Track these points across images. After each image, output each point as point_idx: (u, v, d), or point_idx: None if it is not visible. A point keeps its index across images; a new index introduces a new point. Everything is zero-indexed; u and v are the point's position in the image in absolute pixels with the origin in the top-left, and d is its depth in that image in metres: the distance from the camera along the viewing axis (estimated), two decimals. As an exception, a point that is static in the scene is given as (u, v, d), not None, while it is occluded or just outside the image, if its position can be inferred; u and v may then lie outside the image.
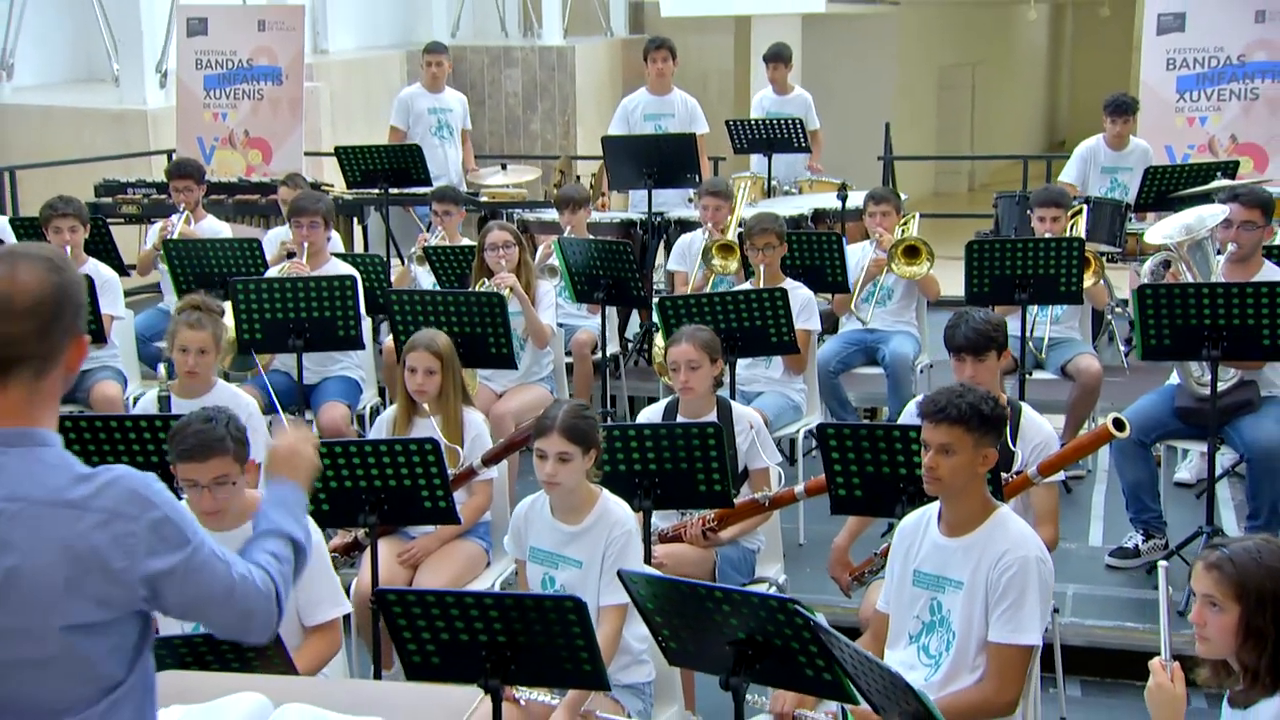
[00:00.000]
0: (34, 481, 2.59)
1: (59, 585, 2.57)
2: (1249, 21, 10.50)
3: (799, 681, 3.86)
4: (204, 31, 11.94)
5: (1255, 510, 6.38)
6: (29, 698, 2.61)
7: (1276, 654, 3.29)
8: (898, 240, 7.66)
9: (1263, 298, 5.95)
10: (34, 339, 2.60)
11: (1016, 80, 25.08)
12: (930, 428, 4.17)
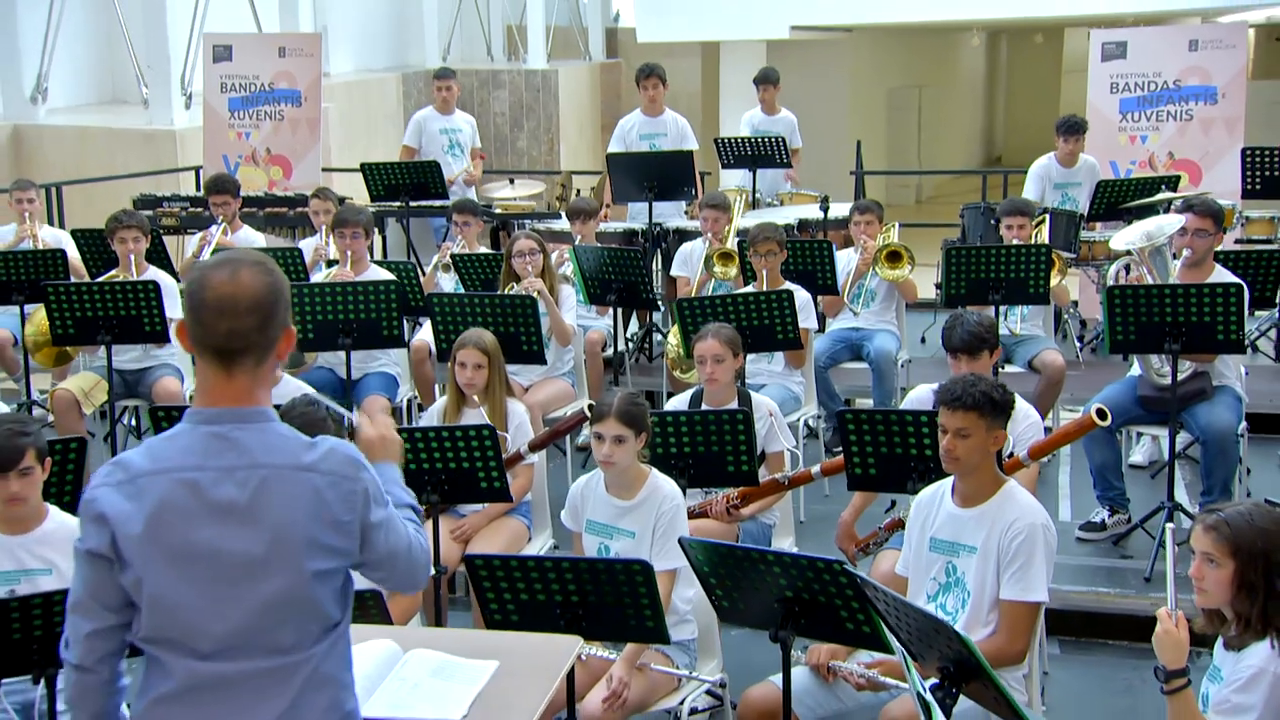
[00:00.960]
0: (271, 451, 2.80)
1: (307, 536, 2.78)
2: (1184, 49, 10.56)
3: (839, 634, 4.05)
4: (229, 58, 11.99)
5: (1209, 487, 6.51)
6: (273, 636, 2.80)
7: (1266, 603, 3.48)
8: (881, 246, 7.86)
9: (1217, 297, 6.16)
10: (255, 332, 2.79)
11: (958, 101, 25.18)
12: (947, 414, 4.34)
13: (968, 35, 23.83)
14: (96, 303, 7.13)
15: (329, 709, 2.85)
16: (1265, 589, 3.49)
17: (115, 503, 2.77)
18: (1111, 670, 5.94)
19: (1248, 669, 3.49)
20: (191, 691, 2.79)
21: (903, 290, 8.00)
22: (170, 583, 2.78)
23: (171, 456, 2.81)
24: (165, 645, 2.80)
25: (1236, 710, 3.47)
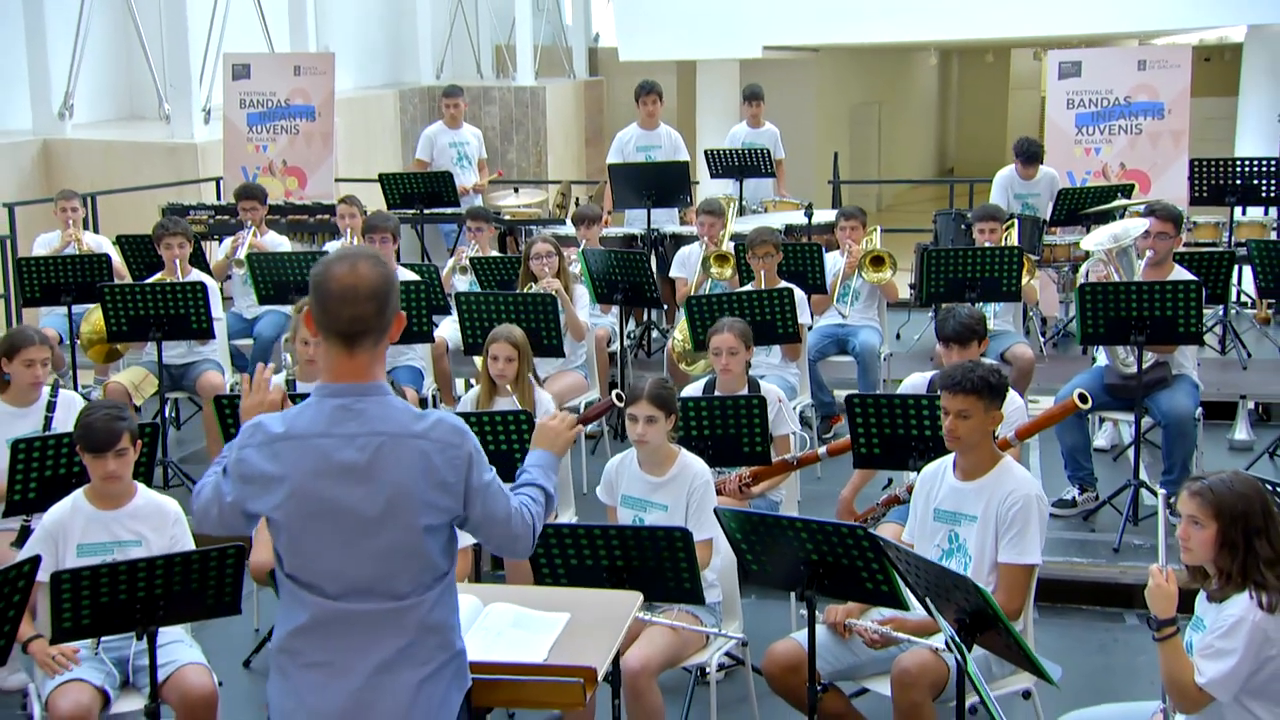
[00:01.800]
0: (388, 420, 3.01)
1: (419, 495, 3.00)
2: (1133, 69, 10.77)
3: (860, 593, 4.23)
4: (247, 76, 12.12)
5: (1169, 467, 6.73)
6: (391, 583, 3.02)
7: (1245, 559, 3.68)
8: (867, 251, 8.06)
9: (1178, 294, 6.41)
10: (374, 317, 3.01)
11: (914, 116, 25.46)
12: (949, 397, 4.54)
13: (924, 55, 24.14)
14: (148, 302, 7.28)
15: (440, 647, 3.06)
16: (1244, 547, 3.68)
17: (260, 463, 3.00)
18: (1085, 632, 6.16)
19: (1230, 618, 3.67)
20: (321, 625, 3.02)
21: (885, 291, 8.20)
22: (303, 533, 3.01)
23: (303, 425, 3.02)
24: (300, 584, 3.04)
25: (1220, 654, 3.66)
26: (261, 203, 9.06)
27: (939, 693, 4.30)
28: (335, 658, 3.02)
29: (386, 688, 3.00)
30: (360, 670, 3.01)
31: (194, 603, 4.22)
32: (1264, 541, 3.69)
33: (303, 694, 3.04)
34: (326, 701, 3.02)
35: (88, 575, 3.99)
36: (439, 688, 3.05)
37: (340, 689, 3.01)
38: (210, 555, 4.17)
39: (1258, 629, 3.63)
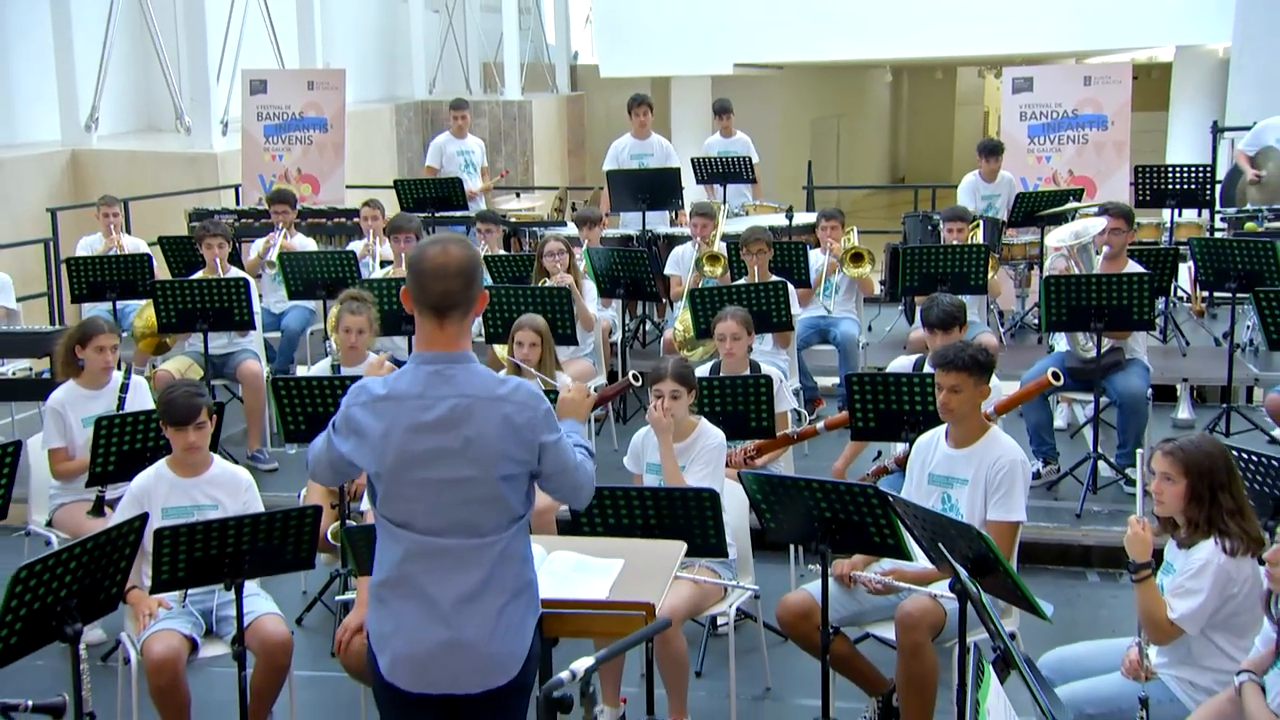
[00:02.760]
0: (475, 384, 3.22)
1: (497, 448, 3.21)
2: (1079, 84, 11.06)
3: (869, 546, 4.44)
4: (264, 91, 12.27)
5: (1123, 441, 7.00)
6: (474, 523, 3.23)
7: (1210, 510, 3.93)
8: (847, 249, 8.31)
9: (1132, 284, 6.68)
10: (461, 292, 3.22)
11: (869, 128, 25.83)
12: (943, 374, 4.75)
13: (879, 73, 24.50)
14: (196, 297, 7.45)
15: (516, 577, 3.29)
16: (1210, 499, 3.93)
17: (365, 419, 3.23)
18: (1053, 589, 6.39)
19: (1197, 561, 3.92)
20: (414, 558, 3.24)
21: (862, 285, 8.44)
22: (398, 481, 3.23)
23: (401, 387, 3.24)
24: (396, 524, 3.26)
25: (1189, 593, 3.91)
26: (292, 207, 9.23)
27: (938, 634, 4.53)
28: (427, 588, 3.23)
29: (471, 613, 3.22)
30: (448, 598, 3.22)
31: (275, 558, 4.41)
32: (1227, 494, 3.94)
33: (400, 620, 3.25)
34: (420, 626, 3.23)
35: (185, 532, 4.18)
36: (516, 613, 3.27)
37: (432, 615, 3.22)
38: (291, 515, 4.36)
39: (1222, 571, 3.89)
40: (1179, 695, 3.99)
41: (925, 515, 4.10)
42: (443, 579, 3.22)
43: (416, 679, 3.24)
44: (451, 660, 3.22)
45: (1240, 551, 3.90)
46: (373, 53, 18.28)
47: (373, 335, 6.48)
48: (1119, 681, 4.07)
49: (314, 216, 10.54)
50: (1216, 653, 3.97)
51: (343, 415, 3.28)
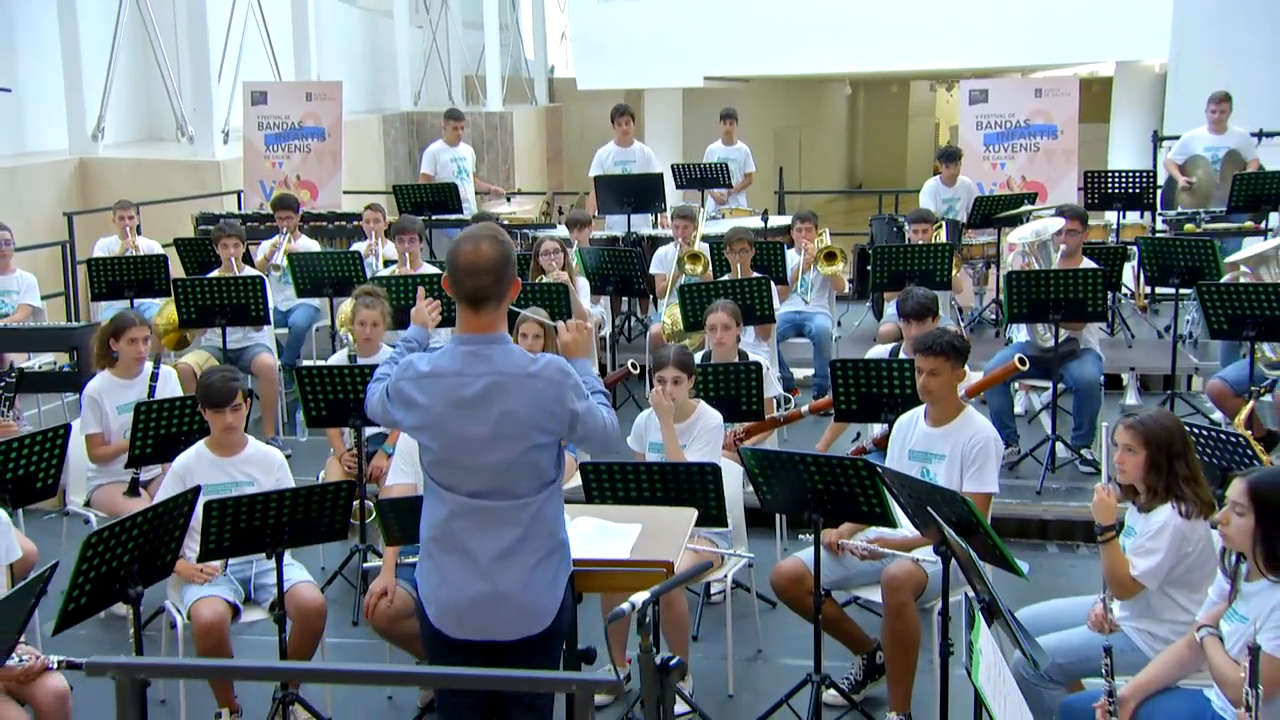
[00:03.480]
0: (508, 363, 3.39)
1: (529, 420, 3.38)
2: (1031, 96, 11.34)
3: (858, 514, 4.59)
4: (265, 101, 12.35)
5: (1079, 424, 7.22)
6: (510, 487, 3.41)
7: (1168, 478, 4.11)
8: (821, 248, 8.51)
9: (1087, 279, 6.90)
10: (493, 286, 3.38)
11: (828, 138, 26.12)
12: (923, 358, 4.93)
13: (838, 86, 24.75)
14: (214, 294, 7.57)
15: (549, 535, 3.47)
16: (1167, 468, 4.11)
17: (414, 393, 3.41)
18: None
19: (1156, 523, 4.11)
20: (458, 518, 3.42)
21: (835, 282, 8.64)
22: (442, 447, 3.41)
23: (444, 366, 3.41)
24: (442, 485, 3.43)
25: (1149, 552, 4.10)
26: (296, 211, 9.34)
27: (920, 594, 4.73)
28: (469, 544, 3.40)
29: (508, 568, 3.39)
30: (487, 554, 3.39)
31: (312, 529, 4.55)
32: (1182, 463, 4.14)
33: (444, 572, 3.43)
34: (463, 579, 3.40)
35: (231, 504, 4.32)
36: (549, 569, 3.45)
37: (473, 569, 3.39)
38: (327, 489, 4.51)
39: (1178, 532, 4.08)
40: (1139, 645, 4.18)
41: (912, 483, 4.29)
42: (482, 537, 3.40)
43: (459, 626, 3.42)
44: (490, 610, 3.39)
45: (1194, 514, 4.09)
46: (361, 67, 18.37)
47: (386, 327, 6.60)
48: (1086, 634, 4.27)
49: (314, 220, 10.62)
50: (1173, 606, 4.15)
51: (394, 388, 3.46)
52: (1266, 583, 3.54)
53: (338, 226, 10.45)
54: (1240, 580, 3.68)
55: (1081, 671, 4.24)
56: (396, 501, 4.65)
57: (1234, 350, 7.77)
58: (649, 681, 2.65)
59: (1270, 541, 3.49)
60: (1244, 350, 7.12)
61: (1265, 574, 3.53)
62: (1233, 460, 4.78)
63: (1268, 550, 3.50)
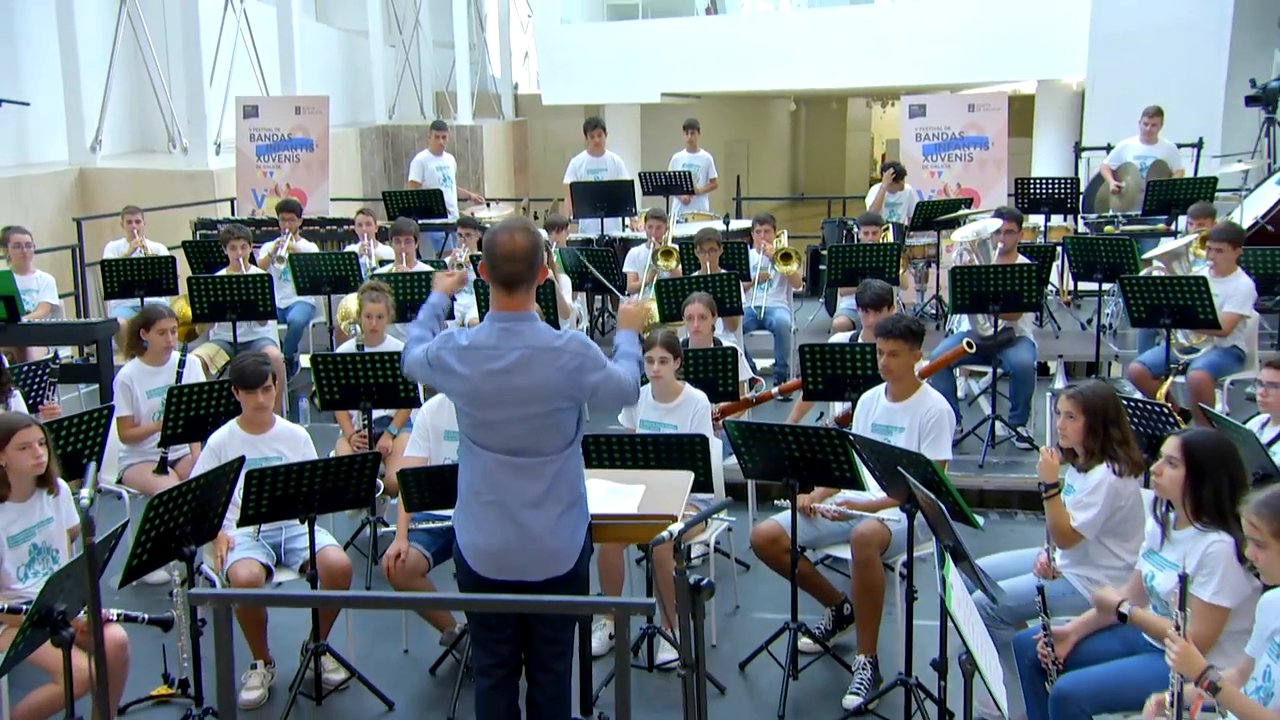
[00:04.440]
0: (537, 338, 3.61)
1: (554, 388, 3.59)
2: (965, 111, 11.65)
3: (830, 479, 4.81)
4: (256, 115, 12.45)
5: (1015, 405, 7.51)
6: (537, 445, 3.62)
7: (1104, 441, 4.38)
8: (778, 249, 8.78)
9: (1023, 274, 7.20)
10: (525, 271, 3.61)
11: (773, 150, 26.45)
12: (884, 340, 5.16)
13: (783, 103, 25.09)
14: (224, 290, 7.72)
15: (570, 489, 3.68)
16: (1103, 432, 4.38)
17: (453, 362, 3.61)
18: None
19: (1093, 481, 4.36)
20: (491, 473, 3.64)
21: (791, 279, 8.91)
22: (477, 411, 3.63)
23: (480, 339, 3.63)
24: (478, 445, 3.65)
25: (1087, 506, 4.35)
26: (298, 214, 9.48)
27: (885, 549, 4.97)
28: (500, 496, 3.62)
29: (535, 518, 3.60)
30: (517, 505, 3.60)
31: (340, 496, 4.74)
32: (1116, 428, 4.41)
33: (479, 522, 3.64)
34: (496, 526, 3.62)
35: (269, 474, 4.51)
36: (571, 518, 3.67)
37: (505, 517, 3.61)
38: (355, 460, 4.71)
39: (1112, 488, 4.34)
40: (1079, 589, 4.44)
41: (881, 448, 4.54)
42: (513, 489, 3.61)
43: (493, 568, 3.63)
44: (520, 553, 3.61)
45: (1126, 473, 4.35)
46: (338, 83, 18.44)
47: (390, 319, 6.78)
48: (1031, 580, 4.53)
49: (307, 224, 10.74)
50: (1108, 554, 4.41)
51: (435, 356, 3.67)
52: (1194, 530, 3.81)
53: (329, 230, 10.59)
54: (1170, 528, 3.96)
55: (1027, 613, 4.48)
56: (418, 471, 4.85)
57: (1150, 337, 8.10)
58: (684, 597, 2.89)
59: (1198, 492, 3.77)
60: (1160, 337, 7.45)
61: (1193, 521, 3.81)
62: (1158, 428, 5.08)
63: (1195, 500, 3.78)
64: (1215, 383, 7.08)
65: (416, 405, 6.08)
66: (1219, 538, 3.71)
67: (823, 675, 5.12)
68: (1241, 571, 3.67)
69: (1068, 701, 3.82)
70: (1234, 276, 7.28)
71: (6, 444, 4.20)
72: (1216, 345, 7.27)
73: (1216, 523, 3.74)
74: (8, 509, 4.25)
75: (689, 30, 19.00)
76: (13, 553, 4.23)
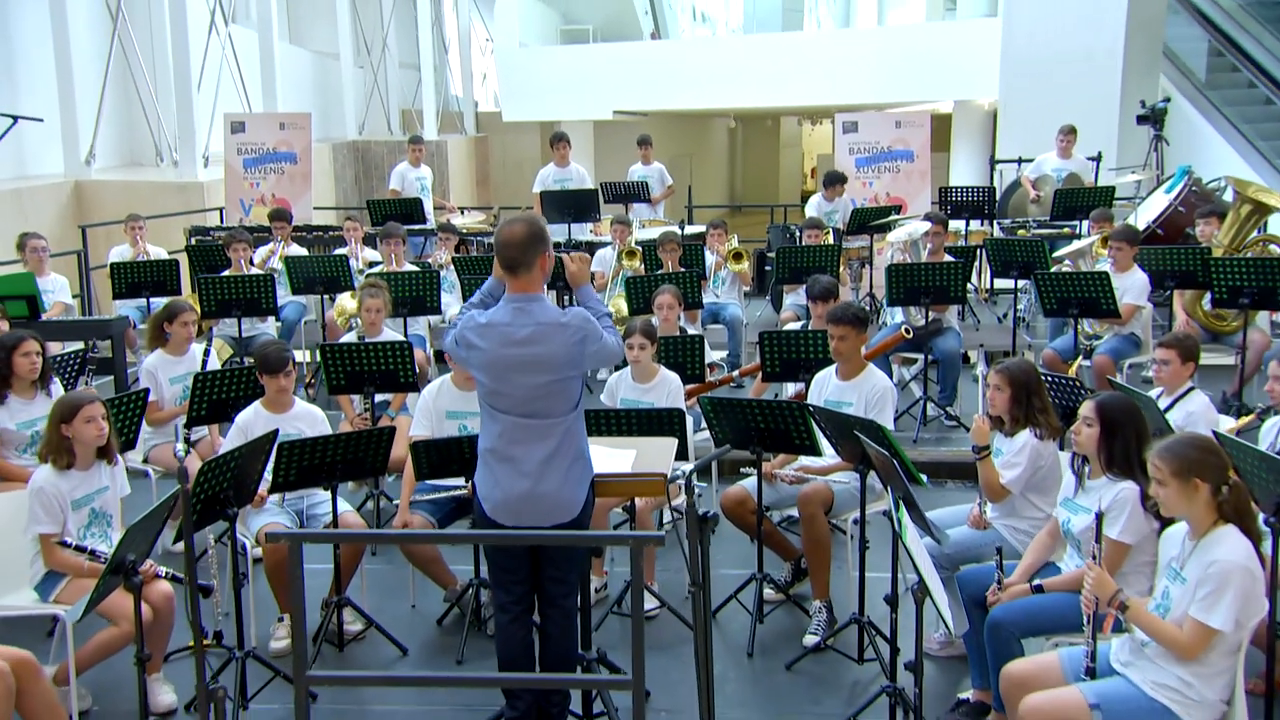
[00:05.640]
0: (545, 315, 3.88)
1: (561, 359, 3.85)
2: (892, 127, 12.05)
3: (790, 446, 5.11)
4: (243, 130, 12.55)
5: (944, 387, 7.85)
6: (546, 408, 3.88)
7: (1026, 409, 4.72)
8: (730, 250, 9.11)
9: (950, 270, 7.57)
10: (520, 256, 3.88)
11: (713, 164, 26.80)
12: (834, 327, 5.47)
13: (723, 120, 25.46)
14: (231, 289, 7.89)
15: (575, 448, 3.94)
16: (1026, 402, 4.73)
17: (475, 338, 3.88)
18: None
19: (1018, 444, 4.70)
20: (507, 433, 3.89)
21: (742, 278, 9.24)
22: (496, 379, 3.89)
23: (497, 318, 3.90)
24: (494, 406, 3.90)
25: (1013, 465, 4.68)
26: (288, 222, 9.64)
27: (828, 508, 5.25)
28: (516, 454, 3.88)
29: (547, 472, 3.87)
30: (530, 461, 3.86)
31: (360, 466, 4.97)
32: (1037, 399, 4.76)
33: (498, 477, 3.91)
34: (512, 480, 3.88)
35: (299, 445, 4.74)
36: (576, 472, 3.93)
37: (519, 472, 3.87)
38: (373, 434, 4.95)
39: (1034, 450, 4.69)
40: (1007, 537, 4.78)
41: (837, 416, 4.86)
42: (526, 447, 3.87)
43: (509, 516, 3.90)
44: (533, 503, 3.88)
45: (1046, 437, 4.71)
46: (312, 101, 18.49)
47: (387, 313, 7.00)
48: (966, 531, 4.89)
49: (295, 230, 10.89)
50: (1030, 507, 4.77)
51: (461, 335, 3.93)
52: (1106, 479, 4.17)
53: (316, 236, 10.73)
54: (1085, 479, 4.33)
55: (963, 559, 4.83)
56: (429, 443, 5.09)
57: (1059, 327, 8.49)
58: (693, 527, 3.19)
59: (1110, 446, 4.13)
60: (1068, 326, 7.87)
61: (1105, 472, 4.18)
62: (1071, 400, 5.47)
63: (1108, 453, 4.14)
64: (1116, 365, 7.50)
65: (415, 390, 6.31)
66: (1127, 485, 4.07)
67: (785, 619, 5.44)
68: (1144, 514, 4.04)
69: (1000, 627, 4.17)
70: (1131, 272, 7.72)
71: (74, 417, 4.41)
72: (1117, 332, 7.70)
73: (1125, 473, 4.10)
74: (72, 476, 4.46)
75: (636, 54, 19.30)
76: (75, 515, 4.44)
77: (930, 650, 4.98)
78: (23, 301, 7.27)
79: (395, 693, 4.80)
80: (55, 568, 4.41)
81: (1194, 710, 3.49)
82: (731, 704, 4.68)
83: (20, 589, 4.51)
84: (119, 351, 7.62)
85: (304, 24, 19.57)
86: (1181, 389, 5.37)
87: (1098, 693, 3.57)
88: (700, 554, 3.26)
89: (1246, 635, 3.51)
